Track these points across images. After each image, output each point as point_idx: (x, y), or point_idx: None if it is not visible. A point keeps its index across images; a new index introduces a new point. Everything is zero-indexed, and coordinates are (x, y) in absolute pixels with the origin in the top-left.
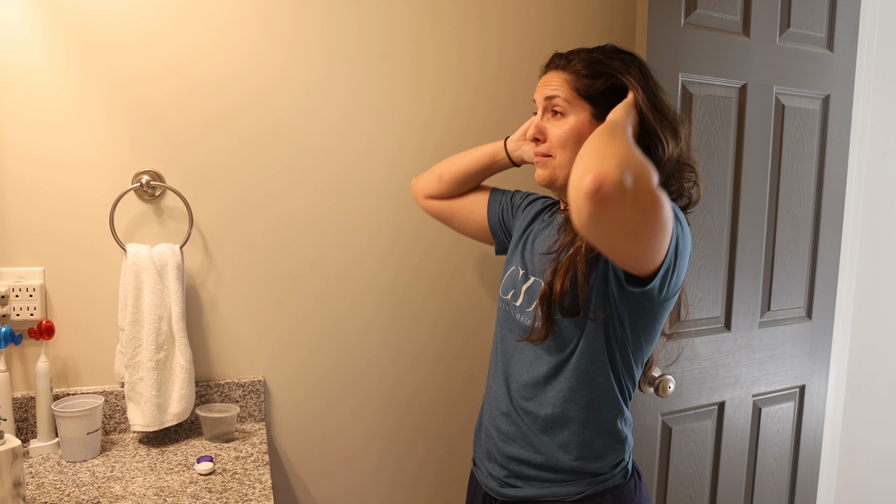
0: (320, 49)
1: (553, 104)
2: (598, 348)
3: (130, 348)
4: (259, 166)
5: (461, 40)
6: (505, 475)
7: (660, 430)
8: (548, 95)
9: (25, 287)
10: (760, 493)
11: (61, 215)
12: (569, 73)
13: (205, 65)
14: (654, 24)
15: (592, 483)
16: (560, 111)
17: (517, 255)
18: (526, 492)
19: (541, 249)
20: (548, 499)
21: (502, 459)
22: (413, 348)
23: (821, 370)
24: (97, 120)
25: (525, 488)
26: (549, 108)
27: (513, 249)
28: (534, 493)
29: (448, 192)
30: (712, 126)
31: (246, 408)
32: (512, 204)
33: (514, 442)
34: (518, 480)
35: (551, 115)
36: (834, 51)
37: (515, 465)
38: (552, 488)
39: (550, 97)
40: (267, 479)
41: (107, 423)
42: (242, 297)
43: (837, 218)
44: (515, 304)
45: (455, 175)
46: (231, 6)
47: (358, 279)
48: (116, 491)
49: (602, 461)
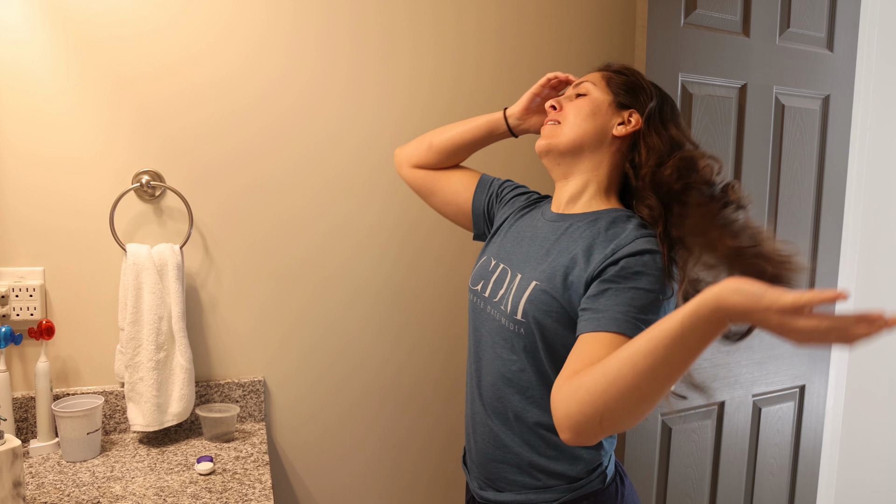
0: (320, 49)
1: (579, 90)
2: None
3: (130, 348)
4: (259, 166)
5: (459, 40)
6: (480, 477)
7: (660, 430)
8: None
9: (25, 287)
10: (760, 493)
11: (61, 215)
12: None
13: (205, 65)
14: (653, 24)
15: (568, 490)
16: (584, 94)
17: (493, 245)
18: (503, 497)
19: (517, 244)
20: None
21: (479, 460)
22: (410, 345)
23: (821, 370)
24: (97, 120)
25: (503, 494)
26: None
27: (489, 240)
28: (510, 499)
29: (436, 163)
30: (712, 126)
31: (246, 408)
32: (499, 195)
33: (489, 444)
34: (497, 483)
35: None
36: (834, 51)
37: (492, 467)
38: (528, 495)
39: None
40: (267, 479)
41: (107, 423)
42: (242, 297)
43: (837, 218)
44: (485, 295)
45: (447, 144)
46: (230, 7)
47: (356, 278)
48: (116, 491)
49: (577, 465)
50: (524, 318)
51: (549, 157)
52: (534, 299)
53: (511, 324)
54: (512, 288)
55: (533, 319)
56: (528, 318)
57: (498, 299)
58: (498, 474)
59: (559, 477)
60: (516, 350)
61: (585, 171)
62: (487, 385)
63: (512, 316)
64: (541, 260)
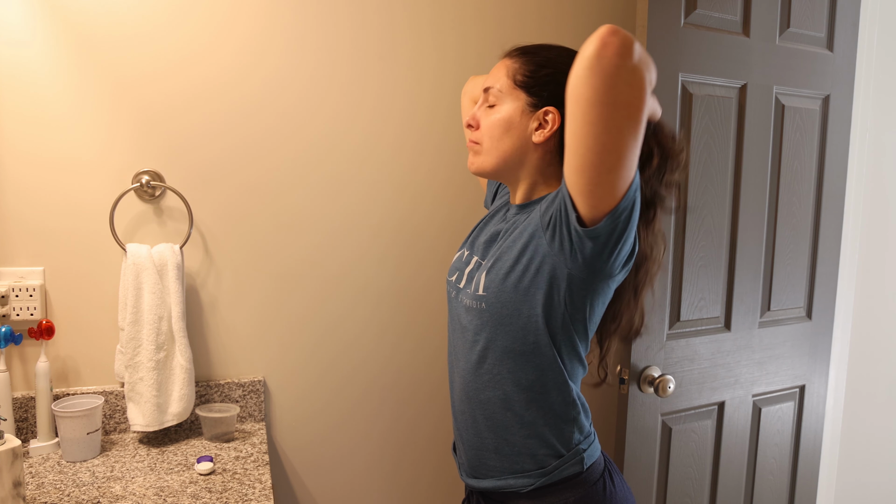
0: (319, 48)
1: (487, 95)
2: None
3: (130, 348)
4: (259, 166)
5: (460, 39)
6: (467, 464)
7: (660, 430)
8: (485, 87)
9: (25, 287)
10: (760, 493)
11: (61, 215)
12: (513, 62)
13: (204, 64)
14: (654, 24)
15: (542, 475)
16: (494, 103)
17: (469, 239)
18: (486, 483)
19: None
20: (503, 490)
21: (462, 448)
22: (411, 345)
23: (821, 370)
24: (97, 120)
25: (485, 480)
26: (486, 98)
27: (469, 234)
28: (493, 485)
29: None
30: (712, 126)
31: (246, 408)
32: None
33: (468, 429)
34: (479, 470)
35: (486, 105)
36: (834, 51)
37: (473, 454)
38: (508, 480)
39: (487, 88)
40: (267, 479)
41: (107, 423)
42: (242, 297)
43: (837, 218)
44: (459, 285)
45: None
46: (229, 5)
47: (357, 278)
48: (116, 491)
49: (551, 448)
50: (485, 292)
51: (482, 176)
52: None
53: (474, 302)
54: (477, 272)
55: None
56: (488, 292)
57: (465, 285)
58: (479, 461)
59: (535, 459)
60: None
61: (525, 175)
62: (460, 371)
63: (475, 293)
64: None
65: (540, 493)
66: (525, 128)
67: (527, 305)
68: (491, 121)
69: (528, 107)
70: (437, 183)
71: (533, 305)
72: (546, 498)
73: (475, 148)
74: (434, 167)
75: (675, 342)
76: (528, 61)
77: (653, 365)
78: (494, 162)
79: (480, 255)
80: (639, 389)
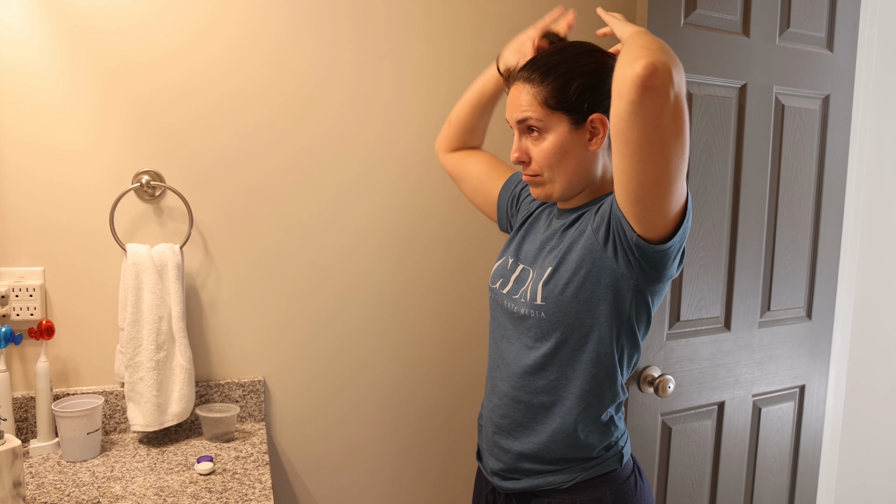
0: (319, 46)
1: (527, 125)
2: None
3: (130, 348)
4: (259, 166)
5: (475, 36)
6: (501, 468)
7: (660, 429)
8: (519, 119)
9: (25, 287)
10: (760, 493)
11: (61, 215)
12: (534, 85)
13: (205, 65)
14: (654, 24)
15: (584, 469)
16: (536, 130)
17: (511, 246)
18: (523, 484)
19: (533, 243)
20: (542, 488)
21: (499, 452)
22: (413, 345)
23: (821, 370)
24: (97, 120)
25: (522, 480)
26: (524, 129)
27: (510, 240)
28: (530, 485)
29: (461, 137)
30: (712, 126)
31: (246, 408)
32: (519, 196)
33: (509, 434)
34: (515, 473)
35: (528, 133)
36: (834, 51)
37: (510, 459)
38: (546, 477)
39: (522, 120)
40: (267, 479)
41: (107, 423)
42: (242, 297)
43: (837, 218)
44: (503, 291)
45: (461, 113)
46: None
47: (358, 277)
48: (116, 491)
49: (592, 446)
50: (544, 302)
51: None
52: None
53: (532, 311)
54: (529, 281)
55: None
56: (547, 302)
57: (518, 295)
58: (518, 464)
59: (575, 458)
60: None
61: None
62: (509, 377)
63: (532, 302)
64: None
65: (578, 489)
66: (579, 143)
67: (589, 315)
68: (544, 152)
69: (574, 125)
70: (439, 183)
71: (596, 315)
72: (583, 493)
73: (536, 181)
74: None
75: (675, 342)
76: (552, 80)
77: (653, 365)
78: (563, 186)
79: (529, 264)
80: (639, 389)
